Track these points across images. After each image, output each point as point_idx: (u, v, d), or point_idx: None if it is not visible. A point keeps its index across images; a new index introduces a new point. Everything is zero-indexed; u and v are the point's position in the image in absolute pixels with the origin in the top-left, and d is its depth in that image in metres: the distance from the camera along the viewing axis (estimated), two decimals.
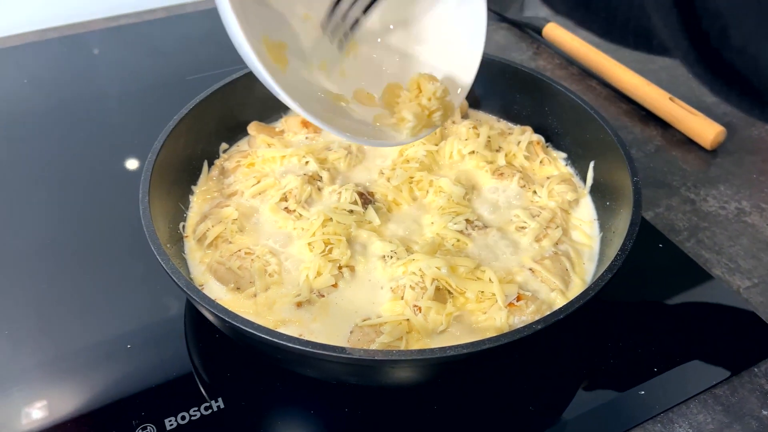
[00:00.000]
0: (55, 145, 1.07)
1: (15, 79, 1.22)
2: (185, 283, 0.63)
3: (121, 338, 0.76)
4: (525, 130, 0.94)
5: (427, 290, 0.69)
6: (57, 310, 0.80)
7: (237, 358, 0.73)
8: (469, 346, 0.58)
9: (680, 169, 1.02)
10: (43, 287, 0.82)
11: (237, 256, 0.75)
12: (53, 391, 0.71)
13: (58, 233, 0.90)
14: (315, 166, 0.86)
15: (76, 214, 0.94)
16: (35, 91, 1.19)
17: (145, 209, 0.71)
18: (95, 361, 0.74)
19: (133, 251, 0.85)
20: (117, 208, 0.93)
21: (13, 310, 0.80)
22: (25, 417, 0.69)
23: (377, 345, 0.66)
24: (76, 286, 0.83)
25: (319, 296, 0.72)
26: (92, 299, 0.81)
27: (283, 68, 0.68)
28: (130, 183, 0.95)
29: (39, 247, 0.88)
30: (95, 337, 0.77)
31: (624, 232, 0.71)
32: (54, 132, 1.09)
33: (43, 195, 0.97)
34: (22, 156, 1.04)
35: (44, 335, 0.77)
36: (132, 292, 0.82)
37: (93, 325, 0.78)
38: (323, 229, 0.76)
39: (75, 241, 0.89)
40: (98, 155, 1.05)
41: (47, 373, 0.73)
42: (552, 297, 0.73)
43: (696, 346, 0.75)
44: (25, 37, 1.34)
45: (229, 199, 0.84)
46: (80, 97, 1.18)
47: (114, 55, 1.31)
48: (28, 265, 0.86)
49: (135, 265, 0.85)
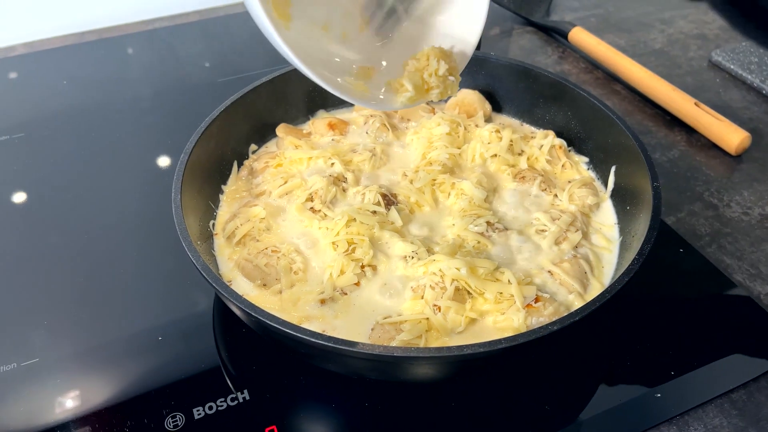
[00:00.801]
0: (92, 143, 1.11)
1: (55, 79, 1.27)
2: (215, 279, 0.66)
3: (152, 330, 0.79)
4: (547, 134, 0.95)
5: (447, 290, 0.71)
6: (92, 303, 0.84)
7: (262, 351, 0.76)
8: (485, 345, 0.59)
9: (704, 174, 1.02)
10: (80, 281, 0.86)
11: (264, 253, 0.78)
12: (86, 380, 0.75)
13: (93, 228, 0.94)
14: (340, 168, 0.89)
15: (111, 210, 0.98)
16: (74, 91, 1.24)
17: (177, 207, 0.74)
18: (127, 353, 0.78)
19: (165, 247, 0.89)
20: (150, 205, 0.97)
21: (51, 302, 0.84)
22: (58, 406, 0.72)
23: (397, 342, 0.68)
24: (110, 279, 0.87)
25: (342, 294, 0.74)
26: (125, 293, 0.85)
27: (286, 24, 0.69)
28: (162, 181, 1.00)
29: (75, 242, 0.92)
30: (127, 330, 0.80)
31: (642, 235, 0.72)
32: (91, 130, 1.14)
33: (81, 191, 1.01)
34: (59, 153, 1.09)
35: (79, 327, 0.81)
36: (163, 286, 0.86)
37: (125, 318, 0.82)
38: (347, 229, 0.79)
39: (109, 236, 0.93)
40: (133, 154, 1.09)
41: (81, 363, 0.77)
42: (570, 299, 0.74)
43: (714, 351, 0.76)
44: (65, 40, 1.39)
45: (257, 198, 0.87)
46: (116, 97, 1.22)
47: (148, 57, 1.35)
48: (64, 260, 0.90)
49: (166, 260, 0.88)
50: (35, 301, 0.84)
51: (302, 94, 1.01)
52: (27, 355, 0.77)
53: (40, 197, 1.00)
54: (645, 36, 1.38)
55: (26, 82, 1.27)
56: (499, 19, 1.45)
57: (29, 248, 0.91)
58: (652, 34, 1.38)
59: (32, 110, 1.18)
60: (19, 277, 0.87)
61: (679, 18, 1.44)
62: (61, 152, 1.09)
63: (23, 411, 0.71)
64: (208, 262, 0.71)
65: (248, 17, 0.60)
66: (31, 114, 1.17)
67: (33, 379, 0.74)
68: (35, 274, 0.88)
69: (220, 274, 0.78)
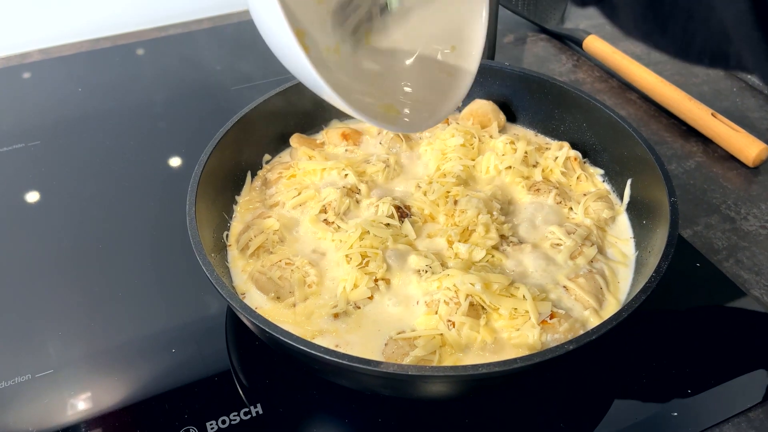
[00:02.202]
0: (106, 150, 1.11)
1: (69, 86, 1.28)
2: (229, 294, 0.66)
3: (166, 341, 0.80)
4: (562, 145, 0.95)
5: (461, 306, 0.71)
6: (105, 312, 0.84)
7: (275, 365, 0.76)
8: (500, 365, 0.59)
9: (721, 187, 1.01)
10: (94, 289, 0.87)
11: (278, 266, 0.78)
12: (100, 389, 0.75)
13: (107, 235, 0.95)
14: (354, 179, 0.88)
15: (126, 217, 0.98)
16: (88, 98, 1.24)
17: (191, 220, 0.74)
18: (139, 365, 0.78)
19: (178, 255, 0.89)
20: (164, 212, 0.97)
21: (66, 306, 0.84)
22: (70, 408, 0.73)
23: (411, 358, 0.67)
24: (124, 286, 0.87)
25: (355, 308, 0.74)
26: (139, 301, 0.85)
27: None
28: (176, 187, 0.99)
29: (90, 248, 0.93)
30: (140, 341, 0.80)
31: (660, 252, 0.71)
32: (105, 137, 1.14)
33: (95, 197, 1.02)
34: (73, 160, 1.09)
35: (91, 337, 0.81)
36: (177, 297, 0.86)
37: (137, 328, 0.82)
38: (360, 242, 0.78)
39: (124, 243, 0.93)
40: (147, 161, 1.09)
41: (94, 373, 0.77)
42: (585, 315, 0.73)
43: (731, 368, 0.75)
44: (79, 46, 1.40)
45: (271, 209, 0.87)
46: (130, 104, 1.23)
47: (162, 64, 1.36)
48: (79, 265, 0.90)
49: (179, 269, 0.88)
50: (50, 308, 0.84)
51: (315, 104, 1.01)
52: (41, 366, 0.77)
53: (55, 204, 1.00)
54: None
55: (41, 89, 1.28)
56: (513, 26, 1.44)
57: (45, 253, 0.92)
58: None
59: (47, 117, 1.19)
60: (32, 284, 0.88)
61: None
62: (76, 160, 1.09)
63: (35, 420, 0.72)
64: (222, 275, 0.71)
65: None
66: (47, 120, 1.17)
67: (46, 389, 0.75)
68: (49, 281, 0.88)
69: (233, 286, 0.78)
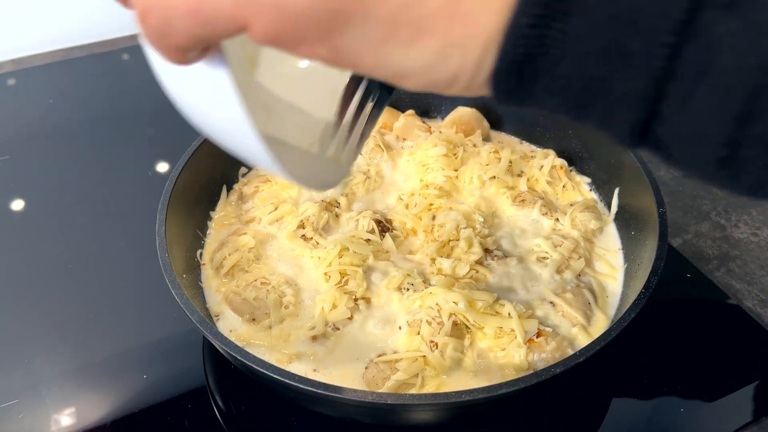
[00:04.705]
0: (81, 165, 1.08)
1: (41, 99, 1.24)
2: (198, 318, 0.62)
3: (139, 369, 0.76)
4: (548, 153, 0.92)
5: (444, 325, 0.68)
6: (86, 324, 0.82)
7: (253, 390, 0.73)
8: (484, 391, 0.56)
9: (710, 193, 0.98)
10: (72, 303, 0.83)
11: (253, 286, 0.74)
12: (63, 412, 0.72)
13: (85, 249, 0.92)
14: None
15: (103, 231, 0.95)
16: (61, 110, 1.20)
17: (161, 241, 0.70)
18: (111, 388, 0.74)
19: (156, 273, 0.86)
20: (139, 228, 0.93)
21: (47, 322, 0.82)
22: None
23: (393, 382, 0.64)
24: (97, 304, 0.84)
25: (334, 329, 0.71)
26: (113, 320, 0.82)
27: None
28: (151, 202, 0.96)
29: (70, 262, 0.90)
30: (113, 363, 0.77)
31: (649, 265, 0.69)
32: (81, 152, 1.10)
33: (69, 213, 0.98)
34: (44, 176, 1.05)
35: (61, 359, 0.77)
36: (151, 316, 0.83)
37: (111, 348, 0.79)
38: (339, 260, 0.75)
39: (99, 259, 0.90)
40: (123, 173, 1.05)
41: (59, 396, 0.74)
42: (573, 333, 0.71)
43: (725, 385, 0.73)
44: (52, 56, 1.36)
45: (247, 225, 0.84)
46: (106, 115, 1.19)
47: (140, 73, 1.32)
48: (55, 281, 0.87)
49: (157, 288, 0.85)
50: (25, 328, 0.81)
51: None
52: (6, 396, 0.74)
53: (28, 220, 0.97)
54: None
55: (14, 100, 1.24)
56: None
57: (25, 265, 0.89)
58: None
59: (20, 131, 1.15)
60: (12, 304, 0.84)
61: None
62: (47, 175, 1.06)
63: None
64: (195, 296, 0.68)
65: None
66: (20, 134, 1.14)
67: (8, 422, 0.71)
68: (22, 302, 0.84)
69: (207, 307, 0.75)
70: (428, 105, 1.03)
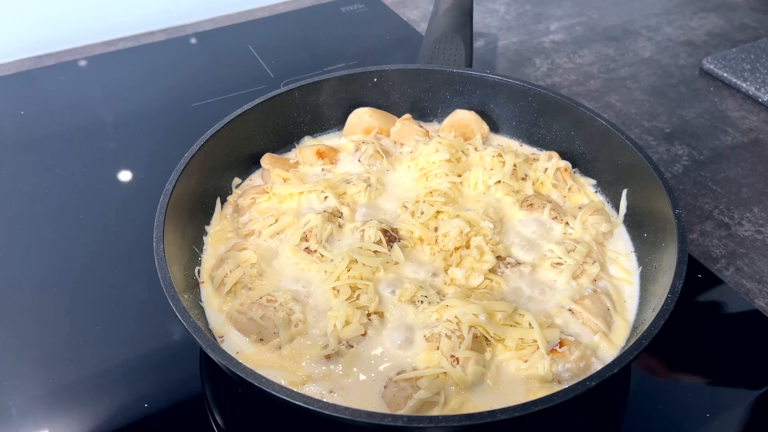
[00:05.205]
0: (55, 177, 1.02)
1: (10, 109, 1.17)
2: (208, 343, 0.58)
3: (139, 398, 0.72)
4: (551, 155, 0.90)
5: (465, 339, 0.65)
6: (67, 346, 0.77)
7: (259, 411, 0.69)
8: (519, 409, 0.53)
9: (711, 191, 0.98)
10: (54, 322, 0.78)
11: (259, 304, 0.70)
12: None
13: (66, 266, 0.87)
14: (334, 202, 0.82)
15: (82, 248, 0.90)
16: (32, 121, 1.14)
17: (160, 259, 0.66)
18: (112, 415, 0.70)
19: (146, 289, 0.81)
20: (121, 240, 0.90)
21: (24, 342, 0.77)
22: None
23: (415, 401, 0.61)
24: (83, 323, 0.79)
25: (348, 347, 0.67)
26: (105, 339, 0.77)
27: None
28: (130, 216, 0.92)
29: (48, 280, 0.85)
30: (113, 383, 0.72)
31: (669, 269, 0.67)
32: (54, 164, 1.04)
33: (45, 227, 0.93)
34: (21, 189, 0.99)
35: (48, 378, 0.72)
36: (147, 335, 0.78)
37: (109, 368, 0.74)
38: (348, 273, 0.72)
39: (84, 274, 0.86)
40: (101, 186, 1.00)
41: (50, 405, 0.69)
42: (595, 341, 0.69)
43: (746, 388, 0.71)
44: (20, 65, 1.29)
45: (246, 239, 0.80)
46: (79, 126, 1.13)
47: (113, 81, 1.26)
48: (35, 301, 0.83)
49: (148, 306, 0.80)
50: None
51: (286, 121, 0.94)
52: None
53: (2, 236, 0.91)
54: (633, 44, 1.34)
55: None
56: (483, 31, 1.39)
57: None
58: (640, 42, 1.34)
59: None
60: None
61: (665, 24, 1.40)
62: (18, 189, 0.99)
63: None
64: (197, 317, 0.64)
65: (216, 35, 0.52)
66: None
67: None
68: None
69: (210, 329, 0.70)
70: (424, 108, 1.00)
